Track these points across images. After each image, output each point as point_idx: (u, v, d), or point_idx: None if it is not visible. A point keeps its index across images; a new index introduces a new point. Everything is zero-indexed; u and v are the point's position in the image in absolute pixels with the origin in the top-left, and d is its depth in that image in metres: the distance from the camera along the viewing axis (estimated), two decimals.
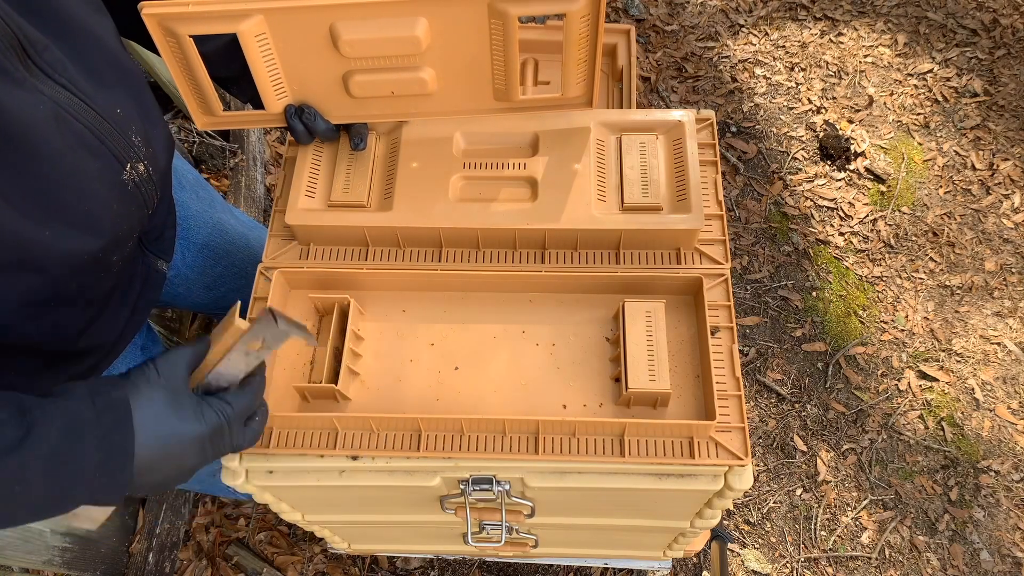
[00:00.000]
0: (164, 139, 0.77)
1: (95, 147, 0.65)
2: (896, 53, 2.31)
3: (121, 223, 0.71)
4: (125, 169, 0.69)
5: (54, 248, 0.64)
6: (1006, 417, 1.77)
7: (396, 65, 0.79)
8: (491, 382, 0.83)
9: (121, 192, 0.69)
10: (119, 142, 0.67)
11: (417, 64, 0.79)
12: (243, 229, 1.17)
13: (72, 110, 0.62)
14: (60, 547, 1.35)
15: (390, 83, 0.81)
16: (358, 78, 0.80)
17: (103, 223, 0.68)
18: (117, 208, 0.69)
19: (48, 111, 0.59)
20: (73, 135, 0.62)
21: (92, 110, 0.64)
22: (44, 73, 0.60)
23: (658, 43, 2.37)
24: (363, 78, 0.80)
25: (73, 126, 0.62)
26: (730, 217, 2.05)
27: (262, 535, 1.65)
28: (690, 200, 0.85)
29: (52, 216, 0.62)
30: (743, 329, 1.89)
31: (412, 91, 0.82)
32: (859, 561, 1.62)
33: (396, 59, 0.78)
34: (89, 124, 0.64)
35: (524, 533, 1.12)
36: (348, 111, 0.85)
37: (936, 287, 1.94)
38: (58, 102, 0.61)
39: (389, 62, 0.78)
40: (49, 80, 0.60)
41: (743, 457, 0.76)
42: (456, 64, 0.80)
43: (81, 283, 0.71)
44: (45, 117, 0.59)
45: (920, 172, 2.11)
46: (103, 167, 0.66)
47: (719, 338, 0.82)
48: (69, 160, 0.62)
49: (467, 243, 0.88)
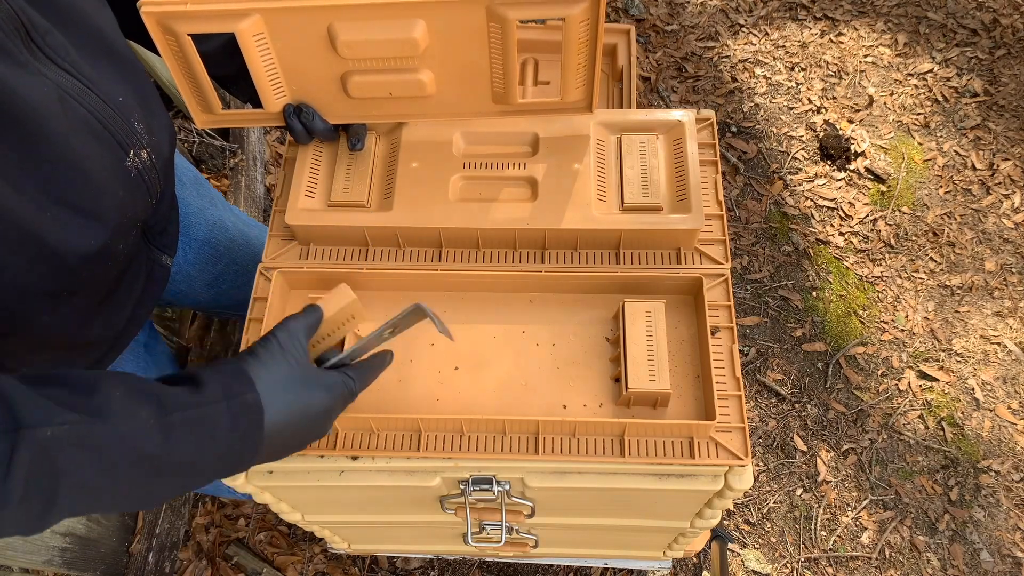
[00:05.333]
0: (166, 129, 0.77)
1: (98, 132, 0.65)
2: (896, 53, 2.31)
3: (126, 210, 0.71)
4: (128, 155, 0.69)
5: (62, 234, 0.63)
6: (1006, 417, 1.77)
7: (394, 67, 0.78)
8: (491, 382, 0.83)
9: (125, 178, 0.69)
10: (122, 128, 0.67)
11: (415, 66, 0.78)
12: (243, 227, 1.17)
13: (75, 94, 0.62)
14: (60, 547, 1.35)
15: (388, 84, 0.80)
16: (356, 79, 0.79)
17: (108, 209, 0.68)
18: (122, 195, 0.69)
19: (52, 94, 0.59)
20: (77, 119, 0.62)
21: (95, 95, 0.64)
22: (47, 57, 0.60)
23: (658, 43, 2.37)
24: (361, 79, 0.79)
25: (77, 110, 0.62)
26: (730, 217, 2.05)
27: (262, 535, 1.65)
28: (690, 200, 0.85)
29: (58, 201, 0.62)
30: (743, 329, 1.89)
31: (410, 93, 0.81)
32: (859, 561, 1.62)
33: (394, 61, 0.77)
34: (92, 109, 0.64)
35: (524, 533, 1.12)
36: (346, 112, 0.85)
37: (936, 287, 1.94)
38: (61, 86, 0.61)
39: (387, 63, 0.78)
40: (52, 64, 0.60)
41: (743, 457, 0.76)
42: (454, 67, 0.79)
43: (91, 272, 0.70)
44: (50, 100, 0.59)
45: (920, 172, 2.11)
46: (106, 152, 0.66)
47: (719, 338, 0.82)
48: (73, 144, 0.62)
49: (467, 243, 0.88)
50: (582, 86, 0.82)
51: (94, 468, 0.51)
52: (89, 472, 0.51)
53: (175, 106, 1.92)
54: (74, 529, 1.39)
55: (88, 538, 1.43)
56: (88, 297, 0.74)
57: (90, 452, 0.51)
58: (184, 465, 0.57)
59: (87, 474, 0.51)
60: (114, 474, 0.52)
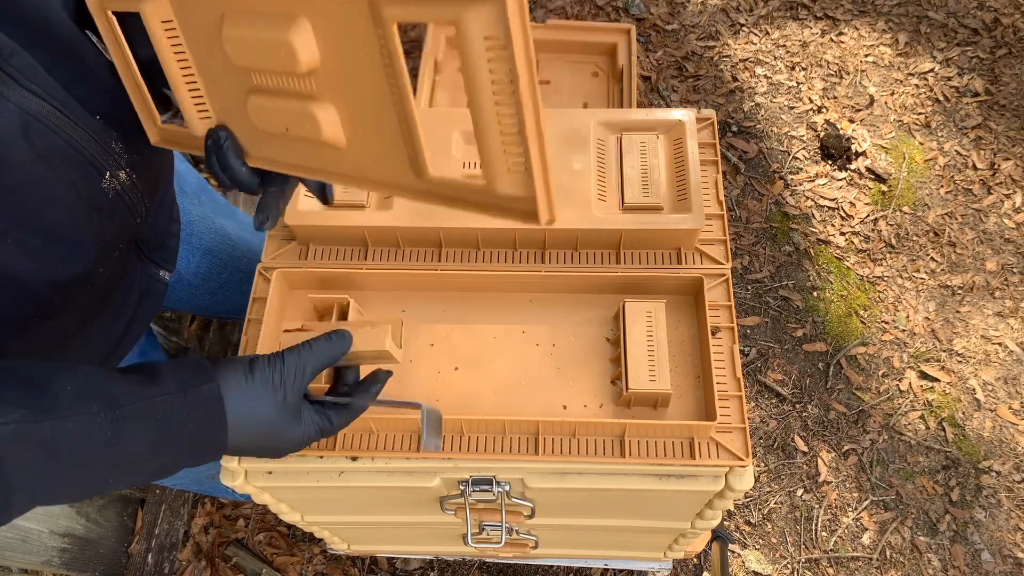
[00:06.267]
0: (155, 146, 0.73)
1: (69, 155, 0.62)
2: (897, 52, 2.31)
3: (103, 234, 0.68)
4: (104, 177, 0.66)
5: (24, 261, 0.61)
6: (1007, 417, 1.76)
7: (287, 88, 0.53)
8: (491, 382, 0.83)
9: (101, 201, 0.67)
10: (96, 149, 0.64)
11: (310, 93, 0.52)
12: (246, 234, 1.16)
13: (43, 118, 0.59)
14: (59, 547, 1.34)
15: (282, 114, 0.55)
16: (253, 100, 0.56)
17: (81, 234, 0.66)
18: (97, 218, 0.67)
19: (14, 119, 0.57)
20: (44, 143, 0.59)
21: (66, 117, 0.61)
22: (12, 79, 0.56)
23: (658, 42, 2.36)
24: (258, 101, 0.56)
25: (43, 134, 0.59)
26: (731, 217, 2.05)
27: (261, 536, 1.64)
28: (690, 200, 0.85)
29: (18, 226, 0.60)
30: (744, 329, 1.88)
31: (306, 134, 0.55)
32: (860, 562, 1.62)
33: (285, 78, 0.52)
34: (61, 132, 0.61)
35: (524, 534, 1.12)
36: (260, 151, 0.61)
37: (937, 287, 1.93)
38: (27, 110, 0.58)
39: (279, 81, 0.53)
40: (17, 86, 0.57)
41: (744, 458, 0.76)
42: (360, 107, 0.51)
43: (64, 298, 0.68)
44: (11, 126, 0.56)
45: (921, 172, 2.10)
46: (79, 176, 0.63)
47: (720, 338, 0.82)
48: (38, 170, 0.59)
49: (467, 243, 0.88)
50: (518, 172, 0.45)
51: (43, 463, 0.52)
52: (39, 467, 0.52)
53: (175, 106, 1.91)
54: (73, 529, 1.38)
55: (87, 538, 1.43)
56: (65, 321, 0.72)
57: (38, 448, 0.51)
58: (140, 456, 0.57)
59: (38, 468, 0.52)
60: (65, 468, 0.53)
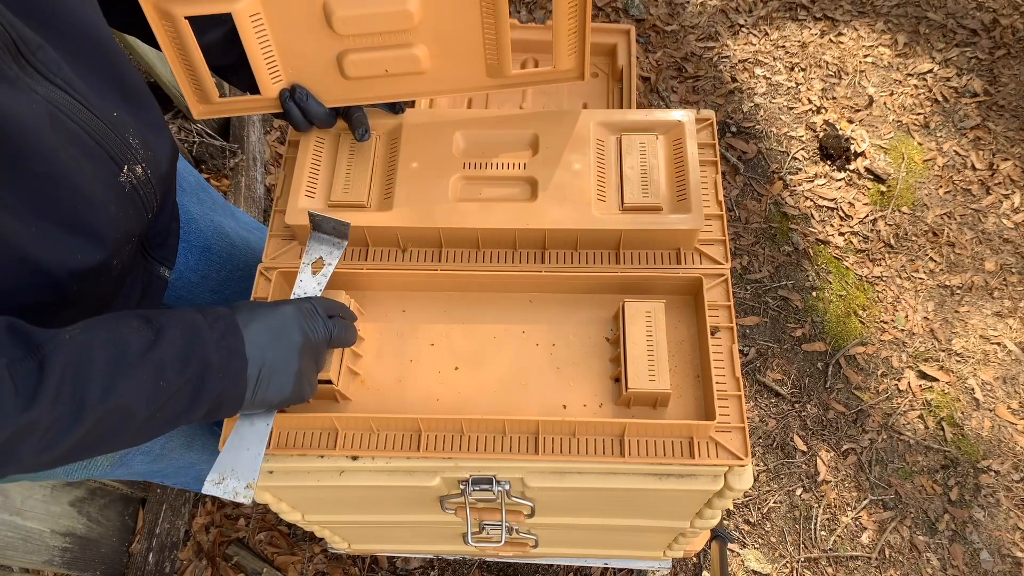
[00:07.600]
0: (166, 145, 0.77)
1: (91, 148, 0.65)
2: (896, 53, 2.31)
3: (119, 225, 0.71)
4: (122, 171, 0.69)
5: (49, 249, 0.64)
6: (1006, 417, 1.77)
7: (389, 42, 0.80)
8: (491, 382, 0.83)
9: (118, 194, 0.69)
10: (115, 144, 0.67)
11: (410, 41, 0.80)
12: (244, 232, 1.17)
13: (67, 110, 0.62)
14: (60, 547, 1.35)
15: (384, 61, 0.81)
16: (352, 57, 0.80)
17: (100, 225, 0.68)
18: (114, 210, 0.69)
19: (42, 111, 0.59)
20: (68, 135, 0.62)
21: (88, 111, 0.64)
22: (39, 73, 0.59)
23: (658, 43, 2.37)
24: (357, 57, 0.80)
25: (68, 126, 0.62)
26: (730, 217, 2.05)
27: (262, 535, 1.65)
28: (690, 200, 0.85)
29: (45, 217, 0.62)
30: (743, 329, 1.89)
31: (406, 69, 0.82)
32: (859, 561, 1.62)
33: (389, 35, 0.79)
34: (84, 125, 0.64)
35: (524, 533, 1.12)
36: (342, 94, 0.85)
37: (936, 287, 1.94)
38: (53, 102, 0.60)
39: (382, 39, 0.79)
40: (44, 80, 0.60)
41: (743, 457, 0.76)
42: (448, 39, 0.80)
43: (81, 287, 0.70)
44: (39, 116, 0.59)
45: (920, 172, 2.11)
46: (99, 168, 0.66)
47: (719, 338, 0.82)
48: (64, 160, 0.62)
49: (467, 243, 0.88)
50: (573, 53, 0.83)
51: (106, 363, 0.57)
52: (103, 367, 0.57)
53: (175, 106, 1.92)
54: (74, 529, 1.39)
55: (88, 538, 1.43)
56: (80, 310, 0.74)
57: (98, 350, 0.57)
58: (176, 364, 0.61)
59: (101, 369, 0.56)
60: (123, 366, 0.58)
